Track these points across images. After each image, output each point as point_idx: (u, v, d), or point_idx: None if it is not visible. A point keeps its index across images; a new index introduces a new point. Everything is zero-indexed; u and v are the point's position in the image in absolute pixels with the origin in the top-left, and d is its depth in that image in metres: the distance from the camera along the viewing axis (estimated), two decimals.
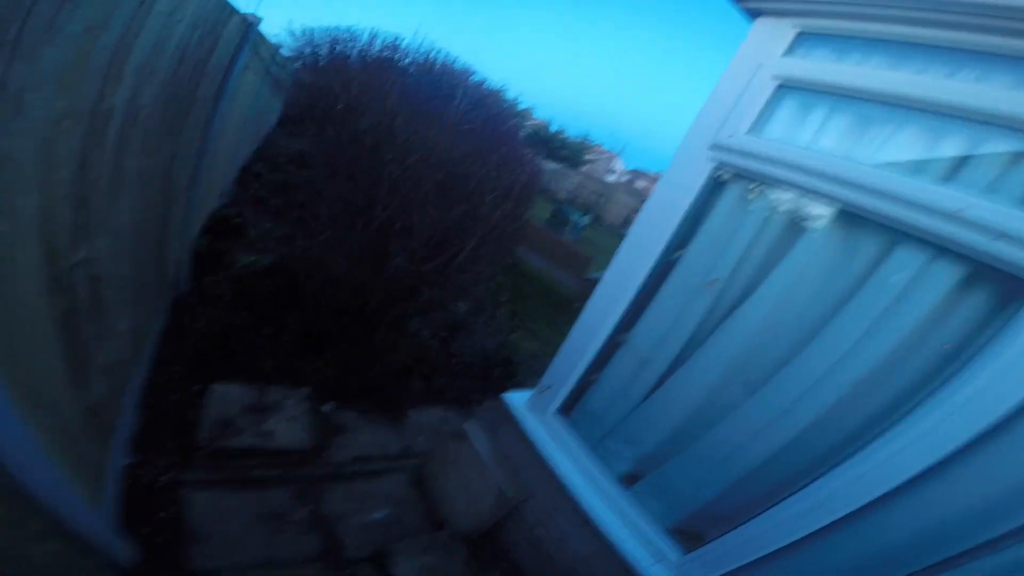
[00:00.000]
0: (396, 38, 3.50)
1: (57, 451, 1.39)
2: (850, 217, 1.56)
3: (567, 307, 6.94)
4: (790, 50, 1.73)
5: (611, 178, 35.44)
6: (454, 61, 3.81)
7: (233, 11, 2.58)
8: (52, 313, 1.34)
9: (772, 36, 1.74)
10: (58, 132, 1.13)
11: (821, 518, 1.51)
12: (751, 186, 1.80)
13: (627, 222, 20.49)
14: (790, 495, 1.61)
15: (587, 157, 29.57)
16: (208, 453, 2.44)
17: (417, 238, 3.28)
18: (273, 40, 3.65)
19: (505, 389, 3.99)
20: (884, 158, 1.49)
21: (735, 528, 1.72)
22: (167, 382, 2.72)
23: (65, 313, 1.43)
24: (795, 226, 1.72)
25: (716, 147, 1.82)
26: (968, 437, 1.30)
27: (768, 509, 1.65)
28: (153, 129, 1.91)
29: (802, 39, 1.71)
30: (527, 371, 4.46)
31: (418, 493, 2.76)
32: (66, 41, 1.02)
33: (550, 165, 21.35)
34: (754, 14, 1.78)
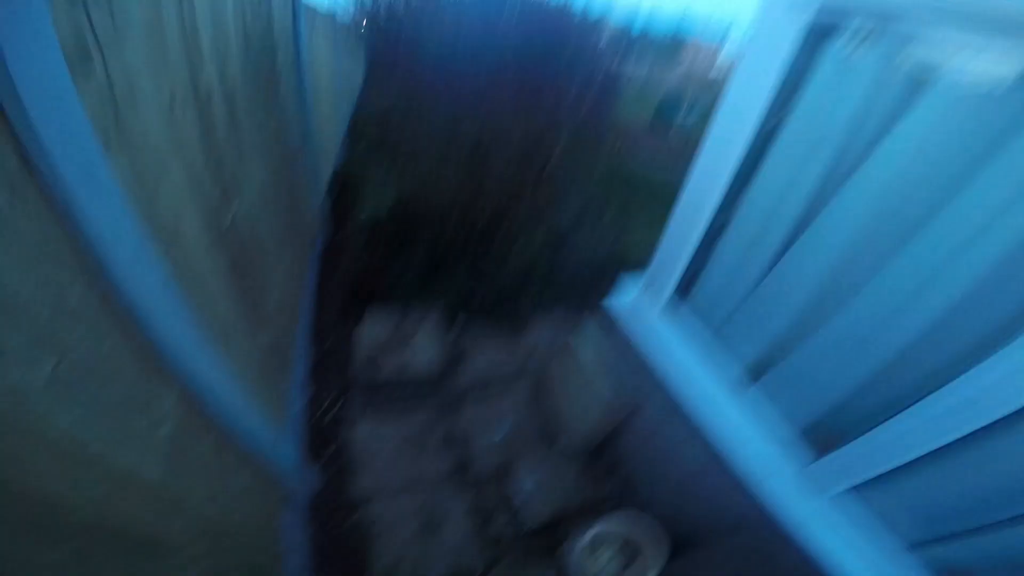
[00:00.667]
0: None
1: (247, 387, 1.63)
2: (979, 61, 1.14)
3: (673, 202, 6.55)
4: None
5: (708, 71, 30.31)
6: None
7: None
8: (220, 267, 1.59)
9: None
10: (174, 115, 1.26)
11: (971, 420, 1.23)
12: (858, 38, 1.43)
13: None
14: (933, 391, 1.32)
15: (682, 56, 25.89)
16: (363, 386, 2.91)
17: (504, 152, 3.31)
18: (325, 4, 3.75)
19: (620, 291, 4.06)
20: None
21: (870, 430, 1.48)
22: (328, 322, 3.27)
23: (231, 266, 1.69)
24: (915, 84, 1.36)
25: None
26: None
27: (907, 408, 1.38)
28: (249, 104, 2.04)
29: None
30: (641, 271, 4.42)
31: (536, 408, 2.90)
32: (140, 30, 1.08)
33: (643, 62, 19.34)
34: None
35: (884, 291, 1.53)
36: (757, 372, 1.95)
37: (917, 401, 1.37)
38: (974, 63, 1.27)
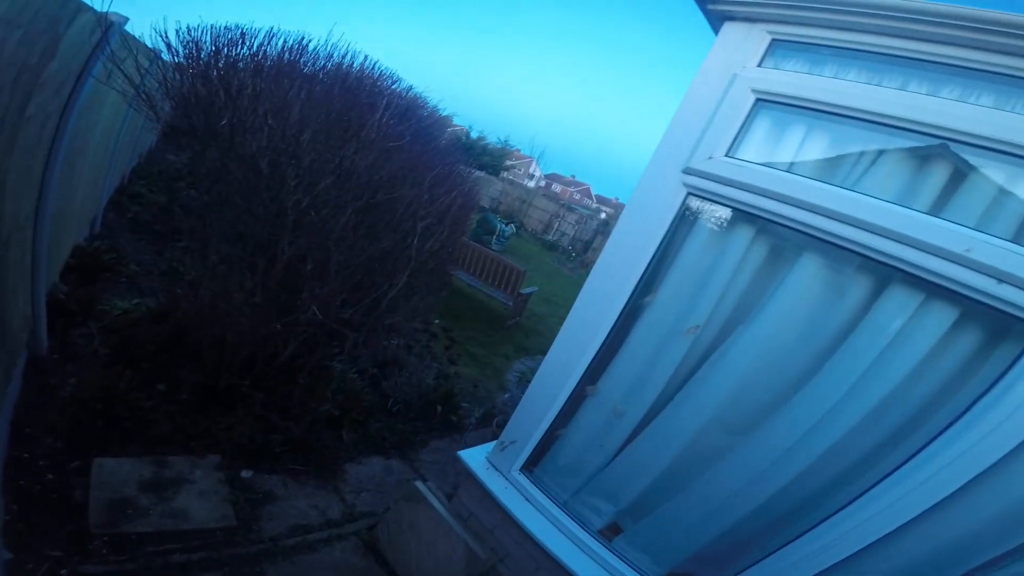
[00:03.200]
0: (302, 39, 2.94)
1: None
2: (841, 252, 1.46)
3: (503, 325, 6.74)
4: (765, 59, 1.58)
5: (530, 183, 35.92)
6: (374, 65, 3.33)
7: (80, 7, 2.06)
8: None
9: (744, 43, 1.58)
10: None
11: (831, 557, 1.43)
12: (730, 217, 1.66)
13: (548, 228, 20.73)
14: (790, 541, 1.51)
15: (508, 163, 29.61)
16: (108, 540, 1.98)
17: (335, 278, 2.81)
18: (147, 42, 2.98)
19: (449, 425, 3.77)
20: (876, 184, 1.41)
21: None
22: (39, 460, 2.22)
23: None
24: (780, 262, 1.61)
25: (690, 172, 1.63)
26: (971, 477, 1.26)
27: (771, 554, 1.54)
28: None
29: (777, 48, 1.57)
30: (471, 400, 4.18)
31: (374, 560, 2.41)
32: None
33: (474, 173, 21.16)
34: (722, 18, 1.62)
35: (735, 467, 1.66)
36: (614, 532, 1.94)
37: (776, 550, 1.52)
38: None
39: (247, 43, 2.88)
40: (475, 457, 2.21)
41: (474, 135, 26.79)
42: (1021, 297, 1.16)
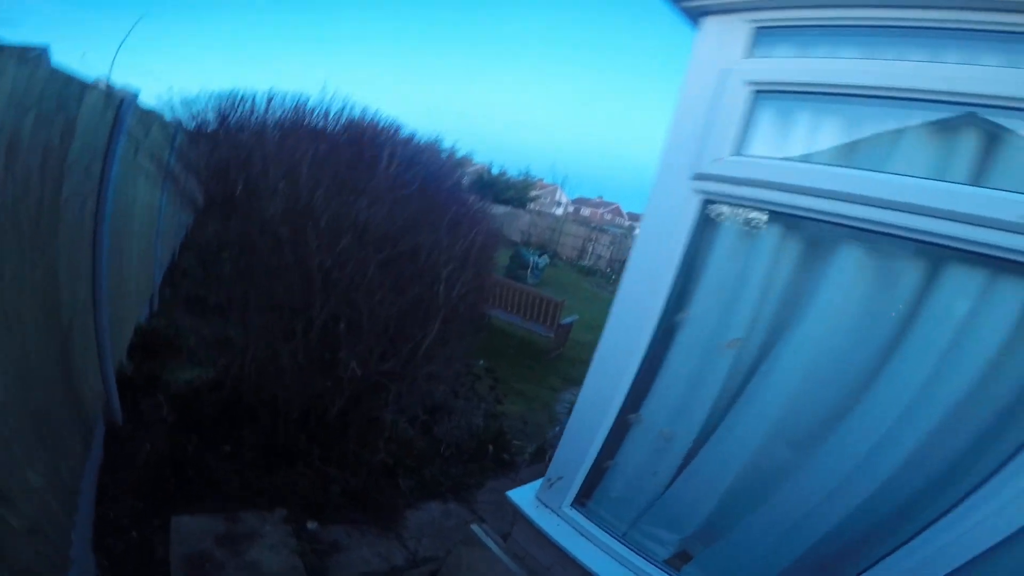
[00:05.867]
0: (302, 98, 3.09)
1: None
2: (881, 239, 1.36)
3: (545, 358, 6.69)
4: (754, 49, 1.52)
5: (558, 211, 36.15)
6: (377, 116, 3.45)
7: (84, 85, 2.07)
8: None
9: (728, 36, 1.52)
10: None
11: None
12: (753, 218, 1.59)
13: (583, 253, 20.65)
14: (886, 555, 1.35)
15: (533, 194, 30.01)
16: None
17: (369, 334, 2.89)
18: (165, 114, 3.17)
19: (503, 464, 3.72)
20: (902, 163, 1.31)
21: None
22: (123, 519, 2.42)
23: None
24: (817, 258, 1.51)
25: (701, 177, 1.58)
26: None
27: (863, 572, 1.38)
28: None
29: (763, 35, 1.50)
30: (522, 436, 4.14)
31: None
32: None
33: (498, 209, 21.39)
34: (698, 13, 1.57)
35: (811, 479, 1.52)
36: (682, 560, 1.81)
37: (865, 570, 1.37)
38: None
39: (251, 108, 3.06)
40: (524, 496, 2.15)
41: (495, 171, 27.34)
42: None
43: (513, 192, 26.16)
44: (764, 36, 1.51)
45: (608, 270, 18.20)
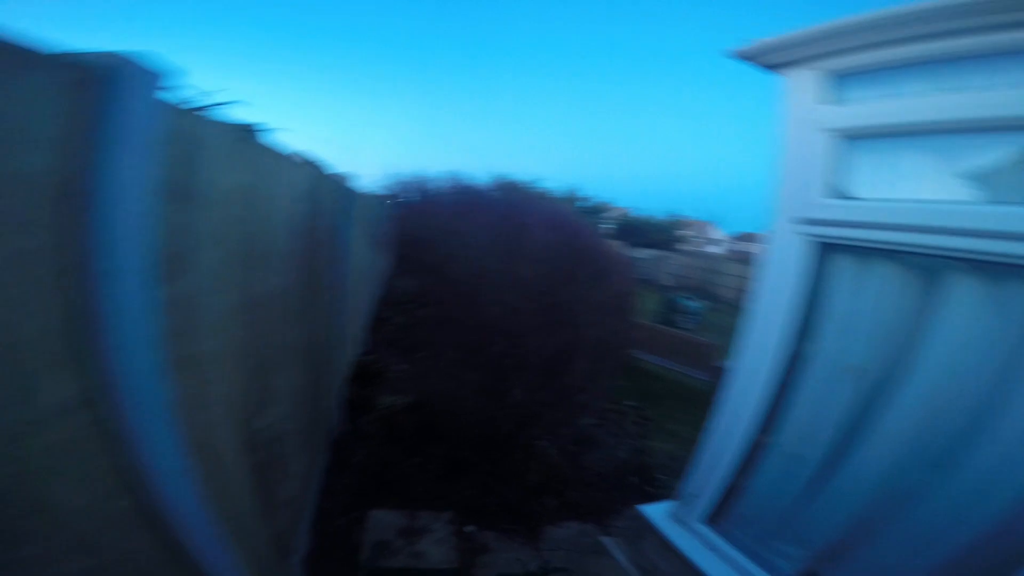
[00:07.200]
0: (468, 173, 3.99)
1: (253, 573, 1.58)
2: (994, 267, 1.40)
3: (701, 401, 6.49)
4: (836, 94, 1.66)
5: (715, 249, 33.57)
6: (525, 178, 4.20)
7: (321, 175, 2.71)
8: (247, 466, 1.64)
9: (810, 85, 1.69)
10: (229, 324, 1.39)
11: None
12: (861, 256, 1.70)
13: (746, 293, 18.74)
14: None
15: (680, 233, 28.72)
16: (369, 571, 2.81)
17: (529, 371, 3.47)
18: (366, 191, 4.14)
19: (644, 495, 3.85)
20: (998, 189, 1.38)
21: None
22: (334, 510, 3.17)
23: (256, 465, 1.74)
24: (932, 287, 1.56)
25: (804, 221, 1.77)
26: None
27: None
28: (297, 307, 2.22)
29: (844, 80, 1.65)
30: (668, 472, 4.19)
31: None
32: (209, 241, 1.24)
33: (644, 253, 20.73)
34: (778, 69, 1.77)
35: (943, 498, 1.50)
36: (823, 569, 1.82)
37: None
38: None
39: (433, 186, 3.99)
40: (656, 511, 2.34)
41: (637, 214, 26.75)
42: None
43: (657, 235, 25.38)
44: (845, 81, 1.67)
45: None
